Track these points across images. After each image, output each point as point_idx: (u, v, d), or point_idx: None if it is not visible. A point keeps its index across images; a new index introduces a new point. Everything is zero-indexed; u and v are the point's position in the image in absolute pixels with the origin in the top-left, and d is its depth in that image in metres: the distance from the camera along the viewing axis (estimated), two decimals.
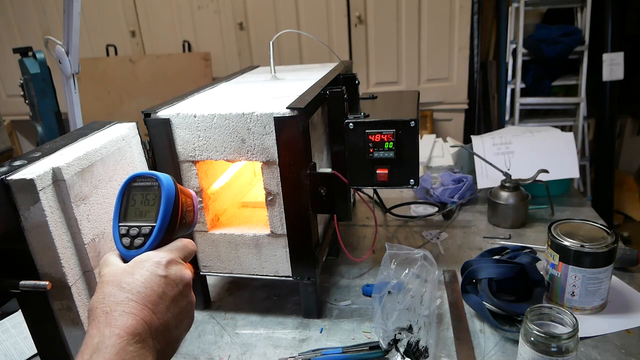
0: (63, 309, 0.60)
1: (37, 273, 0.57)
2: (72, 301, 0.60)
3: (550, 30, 2.46)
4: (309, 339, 0.82)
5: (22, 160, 0.59)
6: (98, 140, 0.68)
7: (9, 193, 0.54)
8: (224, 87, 1.03)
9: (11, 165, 0.57)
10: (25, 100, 1.35)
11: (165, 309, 0.48)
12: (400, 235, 1.19)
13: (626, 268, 0.95)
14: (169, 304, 0.48)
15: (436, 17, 2.53)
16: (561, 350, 0.63)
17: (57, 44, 1.14)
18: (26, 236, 0.56)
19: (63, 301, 0.60)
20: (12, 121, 3.10)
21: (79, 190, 0.61)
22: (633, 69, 2.59)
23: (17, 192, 0.55)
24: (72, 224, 0.60)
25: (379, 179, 0.86)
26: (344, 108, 0.85)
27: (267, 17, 2.68)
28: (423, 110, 2.69)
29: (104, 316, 0.44)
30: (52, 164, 0.58)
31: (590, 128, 2.76)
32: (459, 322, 0.83)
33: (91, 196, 0.63)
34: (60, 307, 0.60)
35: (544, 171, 1.17)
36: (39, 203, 0.55)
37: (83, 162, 0.62)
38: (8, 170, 0.56)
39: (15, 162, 0.58)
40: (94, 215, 0.63)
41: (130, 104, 2.82)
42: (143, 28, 2.86)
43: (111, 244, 0.66)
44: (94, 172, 0.64)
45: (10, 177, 0.55)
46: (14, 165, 0.57)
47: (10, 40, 3.00)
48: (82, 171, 0.61)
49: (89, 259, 0.62)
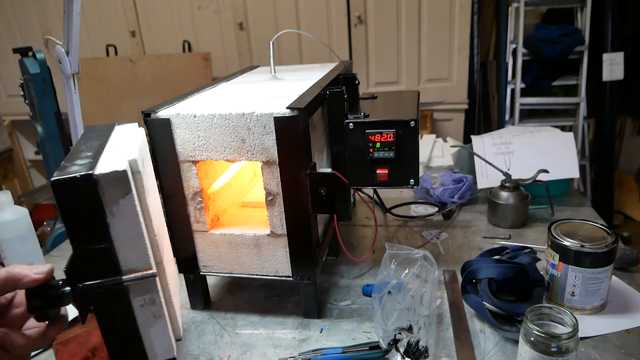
0: (145, 303, 0.58)
1: (120, 271, 0.55)
2: (156, 293, 0.58)
3: (550, 30, 2.46)
4: (309, 339, 0.82)
5: (82, 160, 0.55)
6: (132, 139, 0.66)
7: (95, 189, 0.51)
8: (224, 87, 1.03)
9: (80, 164, 0.54)
10: (25, 100, 1.35)
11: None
12: (400, 235, 1.19)
13: (626, 268, 0.95)
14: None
15: (436, 17, 2.53)
16: (561, 350, 0.63)
17: (57, 44, 1.14)
18: (111, 232, 0.54)
19: (146, 295, 0.57)
20: (12, 121, 3.10)
21: (146, 182, 0.60)
22: (633, 69, 2.59)
23: (105, 186, 0.52)
24: (146, 215, 0.59)
25: (379, 179, 0.86)
26: (344, 108, 0.85)
27: (267, 17, 2.68)
28: (423, 110, 2.69)
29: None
30: (120, 159, 0.56)
31: (590, 128, 2.76)
32: (459, 322, 0.83)
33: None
34: (143, 302, 0.58)
35: (544, 171, 1.17)
36: (130, 194, 0.54)
37: (140, 157, 0.61)
38: (88, 167, 0.52)
39: (77, 162, 0.54)
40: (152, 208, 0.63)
41: (130, 104, 2.82)
42: (143, 28, 2.86)
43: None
44: (145, 167, 0.65)
45: (99, 172, 0.51)
46: (83, 163, 0.54)
47: (10, 40, 3.00)
48: (142, 165, 0.61)
49: (159, 250, 0.62)
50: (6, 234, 1.00)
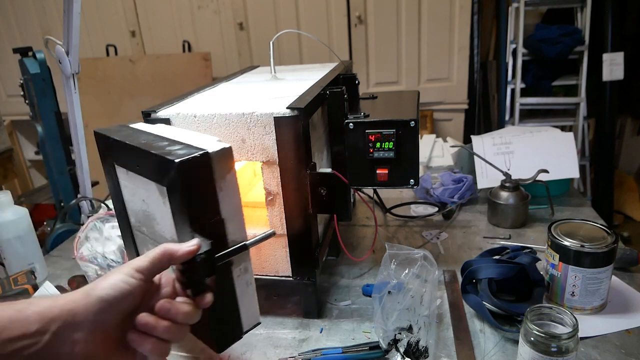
0: (241, 273, 0.61)
1: (227, 243, 0.58)
2: (249, 261, 0.62)
3: (550, 30, 2.46)
4: (309, 339, 0.82)
5: (175, 146, 0.58)
6: (178, 130, 0.69)
7: (211, 165, 0.56)
8: (224, 87, 1.03)
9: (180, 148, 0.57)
10: (25, 100, 1.35)
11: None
12: (400, 235, 1.19)
13: (626, 268, 0.95)
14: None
15: (436, 17, 2.53)
16: (561, 350, 0.63)
17: (57, 44, 1.14)
18: (220, 207, 0.57)
19: (241, 265, 0.61)
20: (12, 121, 3.10)
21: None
22: (633, 69, 2.59)
23: (216, 162, 0.56)
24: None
25: (379, 179, 0.86)
26: (344, 108, 0.85)
27: (267, 17, 2.68)
28: (423, 110, 2.69)
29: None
30: (210, 140, 0.60)
31: (590, 128, 2.76)
32: (459, 322, 0.83)
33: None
34: (239, 272, 0.61)
35: (544, 171, 1.17)
36: (233, 170, 0.58)
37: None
38: (192, 150, 0.56)
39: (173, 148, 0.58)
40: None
41: (130, 104, 2.82)
42: (143, 28, 2.86)
43: None
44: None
45: (211, 150, 0.56)
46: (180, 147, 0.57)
47: (10, 40, 3.00)
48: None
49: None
50: (6, 234, 1.00)
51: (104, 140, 0.69)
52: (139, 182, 0.65)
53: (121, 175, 0.70)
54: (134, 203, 0.70)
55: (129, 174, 0.67)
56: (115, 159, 0.69)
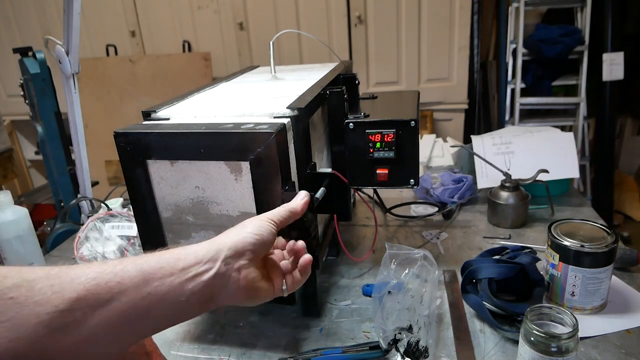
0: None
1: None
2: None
3: (550, 30, 2.46)
4: (309, 339, 0.82)
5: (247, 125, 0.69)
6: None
7: (285, 132, 0.68)
8: (224, 87, 1.03)
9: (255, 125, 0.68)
10: (25, 100, 1.35)
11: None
12: (400, 235, 1.19)
13: (626, 268, 0.95)
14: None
15: (436, 17, 2.54)
16: (561, 350, 0.63)
17: (57, 44, 1.14)
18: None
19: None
20: (12, 121, 3.10)
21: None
22: (633, 69, 2.59)
23: (289, 129, 0.70)
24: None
25: (379, 179, 0.86)
26: (344, 108, 0.85)
27: (267, 17, 2.68)
28: (423, 110, 2.69)
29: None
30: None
31: (590, 128, 2.76)
32: (459, 322, 0.83)
33: None
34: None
35: (544, 171, 1.17)
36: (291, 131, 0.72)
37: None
38: (271, 124, 0.68)
39: (247, 125, 0.68)
40: None
41: (130, 104, 2.82)
42: (143, 28, 2.86)
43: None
44: None
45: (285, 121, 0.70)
46: (252, 124, 0.68)
47: (10, 40, 3.00)
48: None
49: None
50: (6, 234, 1.00)
51: (136, 138, 0.69)
52: (192, 170, 0.68)
53: (159, 169, 0.70)
54: (177, 195, 0.71)
55: (174, 165, 0.69)
56: (152, 154, 0.69)
